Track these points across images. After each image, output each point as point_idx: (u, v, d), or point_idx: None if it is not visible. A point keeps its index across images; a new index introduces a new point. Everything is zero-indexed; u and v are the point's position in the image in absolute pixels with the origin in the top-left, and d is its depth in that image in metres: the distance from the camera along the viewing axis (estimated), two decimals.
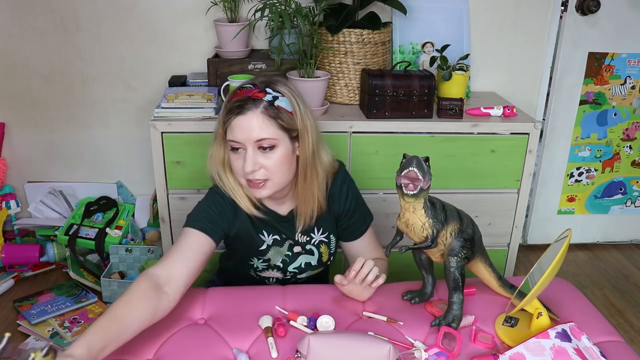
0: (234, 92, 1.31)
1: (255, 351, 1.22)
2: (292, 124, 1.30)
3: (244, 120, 1.26)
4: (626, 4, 2.42)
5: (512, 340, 1.25)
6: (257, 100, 1.26)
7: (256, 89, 1.28)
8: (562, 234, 1.25)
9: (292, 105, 1.30)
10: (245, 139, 1.27)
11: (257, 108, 1.26)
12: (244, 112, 1.26)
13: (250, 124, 1.26)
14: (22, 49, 2.33)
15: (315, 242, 1.50)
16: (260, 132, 1.26)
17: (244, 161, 1.28)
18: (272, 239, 1.46)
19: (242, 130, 1.26)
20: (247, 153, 1.28)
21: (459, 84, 2.04)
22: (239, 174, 1.32)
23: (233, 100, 1.28)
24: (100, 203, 2.48)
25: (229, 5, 2.14)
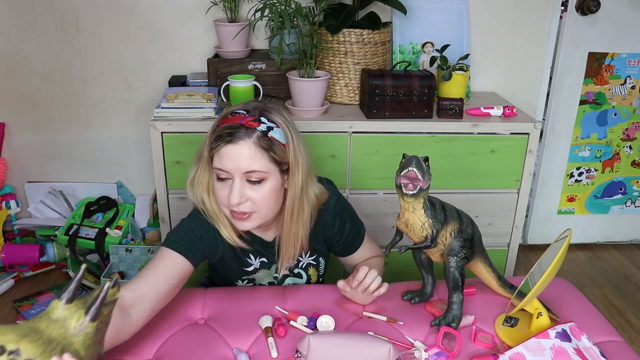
0: (225, 117, 1.22)
1: (255, 351, 1.22)
2: (284, 157, 1.23)
3: (234, 150, 1.18)
4: (626, 4, 2.42)
5: (512, 340, 1.25)
6: (250, 129, 1.18)
7: (250, 116, 1.20)
8: (562, 234, 1.25)
9: (285, 138, 1.23)
10: (233, 169, 1.19)
11: (249, 138, 1.18)
12: (235, 141, 1.18)
13: (241, 154, 1.18)
14: (22, 49, 2.33)
15: (303, 265, 1.47)
16: (251, 164, 1.19)
17: (230, 192, 1.21)
18: (259, 262, 1.42)
19: (231, 159, 1.19)
20: (234, 184, 1.20)
21: (459, 84, 2.04)
22: (223, 203, 1.24)
23: (224, 126, 1.20)
24: (100, 203, 2.48)
25: (229, 5, 2.14)
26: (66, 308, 0.76)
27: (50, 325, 0.74)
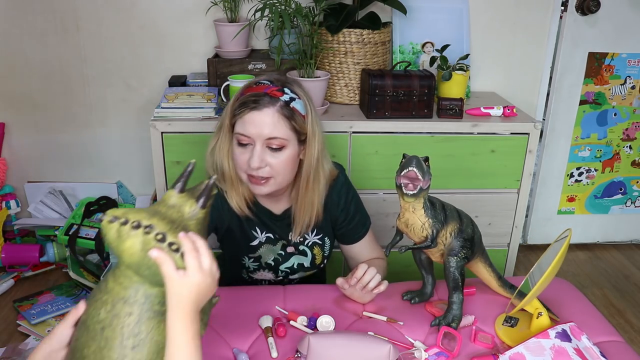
0: (249, 86, 1.29)
1: (255, 351, 1.22)
2: (303, 128, 1.29)
3: (258, 116, 1.24)
4: (626, 4, 2.42)
5: (512, 340, 1.25)
6: (274, 98, 1.25)
7: (274, 86, 1.27)
8: (562, 234, 1.25)
9: (305, 109, 1.29)
10: (256, 134, 1.25)
11: (273, 106, 1.24)
12: (260, 108, 1.24)
13: (265, 120, 1.24)
14: (22, 49, 2.33)
15: (309, 243, 1.49)
16: (273, 130, 1.25)
17: (250, 156, 1.26)
18: (265, 237, 1.45)
19: (254, 125, 1.24)
20: (255, 149, 1.26)
21: (459, 84, 2.04)
22: (242, 168, 1.30)
23: (249, 94, 1.26)
24: (100, 203, 2.48)
25: (229, 5, 2.14)
26: (179, 197, 0.87)
27: (169, 210, 0.86)
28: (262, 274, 1.50)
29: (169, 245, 0.81)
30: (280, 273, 1.50)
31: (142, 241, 0.81)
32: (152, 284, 0.84)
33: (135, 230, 0.81)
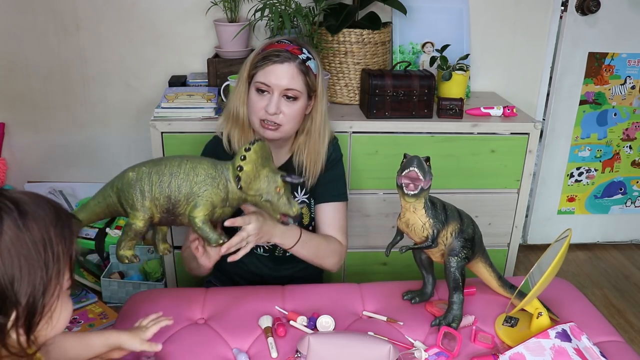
0: (271, 44, 1.45)
1: (255, 351, 1.22)
2: (314, 84, 1.46)
3: (280, 69, 1.40)
4: (626, 4, 2.42)
5: (512, 340, 1.25)
6: (294, 55, 1.42)
7: (294, 45, 1.44)
8: (562, 234, 1.25)
9: (317, 69, 1.47)
10: (276, 84, 1.41)
11: (293, 62, 1.41)
12: (282, 62, 1.41)
13: (285, 73, 1.41)
14: (22, 49, 2.32)
15: (299, 201, 1.58)
16: (291, 82, 1.41)
17: (267, 103, 1.42)
18: None
19: (276, 76, 1.41)
20: (272, 97, 1.42)
21: (459, 84, 2.04)
22: (257, 113, 1.44)
23: (272, 49, 1.43)
24: None
25: (229, 5, 2.14)
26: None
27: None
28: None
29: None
30: None
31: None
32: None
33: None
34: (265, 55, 1.43)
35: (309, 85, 1.45)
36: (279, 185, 1.22)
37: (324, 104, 1.51)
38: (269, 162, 1.24)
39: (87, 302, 2.15)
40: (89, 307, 2.14)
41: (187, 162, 1.21)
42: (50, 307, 0.77)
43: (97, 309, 2.14)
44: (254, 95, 1.45)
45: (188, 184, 1.19)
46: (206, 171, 1.20)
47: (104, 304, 2.17)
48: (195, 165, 1.20)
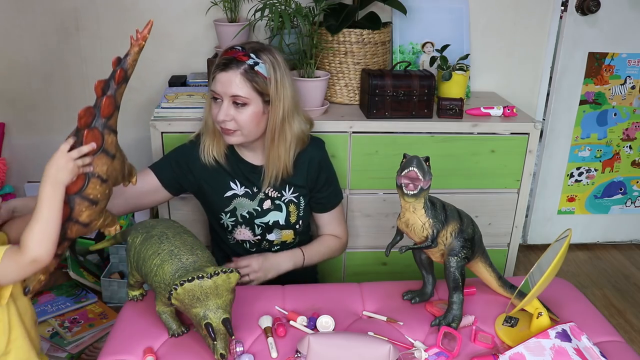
0: (225, 51, 1.48)
1: (255, 351, 1.22)
2: (265, 89, 1.46)
3: (225, 76, 1.44)
4: (626, 4, 2.42)
5: (512, 340, 1.25)
6: (240, 62, 1.44)
7: (242, 52, 1.46)
8: (562, 234, 1.25)
9: (269, 73, 1.46)
10: (223, 92, 1.45)
11: (238, 69, 1.44)
12: (227, 70, 1.44)
13: (229, 80, 1.44)
14: (22, 49, 2.32)
15: (285, 200, 1.62)
16: (236, 89, 1.44)
17: (219, 110, 1.47)
18: (243, 191, 1.60)
19: (222, 84, 1.45)
20: (222, 104, 1.46)
21: (459, 84, 2.04)
22: (214, 120, 1.50)
23: (221, 57, 1.47)
24: None
25: (229, 5, 2.14)
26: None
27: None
28: (240, 231, 1.63)
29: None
30: (257, 230, 1.63)
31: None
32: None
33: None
34: (216, 65, 1.48)
35: (259, 90, 1.46)
36: (203, 328, 1.15)
37: (281, 107, 1.48)
38: (209, 301, 1.14)
39: (87, 302, 2.15)
40: (89, 307, 2.14)
41: (159, 255, 1.22)
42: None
43: (97, 309, 2.13)
44: (212, 104, 1.51)
45: (151, 277, 1.22)
46: (163, 276, 1.19)
47: (104, 304, 2.17)
48: (163, 263, 1.20)
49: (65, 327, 2.02)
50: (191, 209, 1.93)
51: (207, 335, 1.14)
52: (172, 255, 1.20)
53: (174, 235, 1.26)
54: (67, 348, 1.93)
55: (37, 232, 1.03)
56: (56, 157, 1.11)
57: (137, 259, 1.27)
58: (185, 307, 1.15)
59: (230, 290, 1.16)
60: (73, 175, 1.11)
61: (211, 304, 1.14)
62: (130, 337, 1.26)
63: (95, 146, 1.15)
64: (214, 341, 1.13)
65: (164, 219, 1.49)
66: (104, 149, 1.17)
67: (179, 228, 1.31)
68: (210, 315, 1.14)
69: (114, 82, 1.22)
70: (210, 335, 1.13)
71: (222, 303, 1.15)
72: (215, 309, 1.14)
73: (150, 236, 1.27)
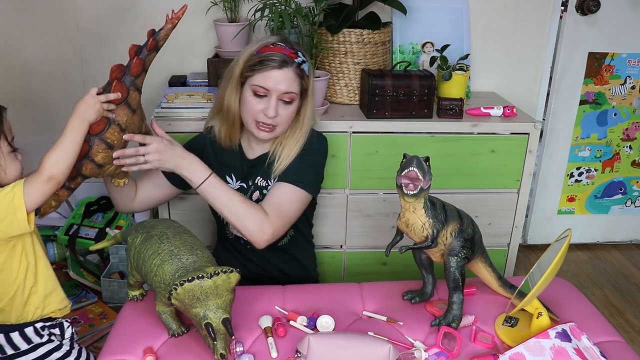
0: (266, 46, 1.47)
1: (255, 351, 1.22)
2: (306, 86, 1.52)
3: (279, 74, 1.45)
4: (626, 4, 2.42)
5: (512, 340, 1.25)
6: (291, 59, 1.46)
7: (290, 50, 1.47)
8: (562, 234, 1.25)
9: (308, 71, 1.52)
10: (274, 89, 1.45)
11: (291, 66, 1.46)
12: (281, 67, 1.45)
13: (283, 78, 1.45)
14: (22, 49, 2.33)
15: (270, 188, 1.57)
16: (289, 86, 1.46)
17: (266, 106, 1.46)
18: (238, 185, 1.61)
19: (275, 81, 1.45)
20: (271, 100, 1.46)
21: (459, 84, 2.04)
22: (254, 115, 1.48)
23: (269, 53, 1.45)
24: (100, 203, 2.48)
25: (229, 5, 2.14)
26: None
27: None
28: None
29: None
30: None
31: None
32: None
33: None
34: (263, 59, 1.45)
35: (303, 87, 1.51)
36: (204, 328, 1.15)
37: (312, 102, 1.56)
38: (209, 301, 1.14)
39: (87, 302, 2.15)
40: (89, 307, 2.14)
41: (159, 255, 1.22)
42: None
43: (97, 309, 2.14)
44: (251, 97, 1.48)
45: (151, 277, 1.23)
46: (163, 276, 1.19)
47: (104, 304, 2.17)
48: (163, 263, 1.20)
49: None
50: (191, 209, 1.93)
51: (207, 335, 1.14)
52: (172, 255, 1.20)
53: (174, 235, 1.26)
54: None
55: (56, 155, 1.23)
56: (86, 97, 1.28)
57: (137, 259, 1.27)
58: (185, 307, 1.15)
59: (230, 290, 1.16)
60: (98, 115, 1.28)
61: (211, 304, 1.14)
62: (130, 337, 1.26)
63: (121, 96, 1.31)
64: (214, 341, 1.13)
65: (164, 219, 1.49)
66: (127, 102, 1.33)
67: (179, 228, 1.31)
68: (210, 315, 1.14)
69: (146, 49, 1.35)
70: (210, 335, 1.13)
71: (222, 303, 1.15)
72: (215, 309, 1.14)
73: (150, 236, 1.27)
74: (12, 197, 1.18)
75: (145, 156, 1.40)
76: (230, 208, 1.44)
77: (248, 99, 1.48)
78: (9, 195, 1.18)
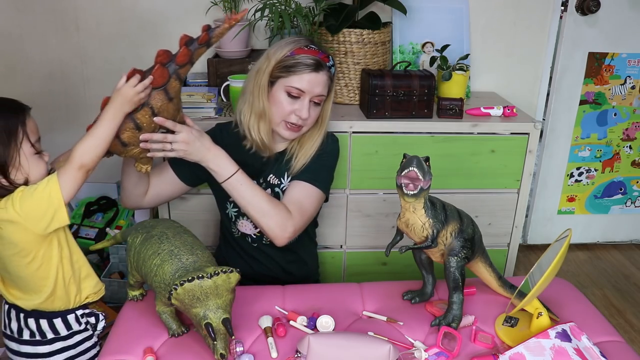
0: (301, 48, 1.48)
1: (255, 351, 1.22)
2: (332, 88, 1.56)
3: (315, 77, 1.47)
4: (626, 4, 2.42)
5: (512, 340, 1.25)
6: (325, 64, 1.50)
7: (323, 54, 1.50)
8: (562, 234, 1.25)
9: (334, 73, 1.55)
10: (309, 90, 1.47)
11: (325, 70, 1.49)
12: (318, 71, 1.47)
13: (319, 81, 1.48)
14: (22, 49, 2.33)
15: (283, 187, 1.58)
16: (323, 89, 1.50)
17: (299, 107, 1.48)
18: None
19: (311, 84, 1.47)
20: (304, 102, 1.48)
21: (459, 84, 2.04)
22: (285, 115, 1.49)
23: (305, 56, 1.47)
24: (100, 203, 2.48)
25: (229, 5, 2.14)
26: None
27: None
28: (242, 223, 1.62)
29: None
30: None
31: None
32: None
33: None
34: (299, 62, 1.46)
35: (330, 90, 1.55)
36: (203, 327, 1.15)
37: (331, 104, 1.59)
38: (209, 301, 1.14)
39: None
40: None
41: (159, 255, 1.23)
42: (14, 163, 1.22)
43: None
44: (283, 97, 1.48)
45: (151, 277, 1.23)
46: (163, 276, 1.20)
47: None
48: (163, 263, 1.21)
49: None
50: (191, 209, 1.93)
51: (207, 335, 1.14)
52: (172, 255, 1.20)
53: (174, 235, 1.26)
54: None
55: (88, 144, 1.26)
56: (124, 90, 1.25)
57: (137, 259, 1.27)
58: (185, 307, 1.15)
59: (230, 290, 1.16)
60: (134, 106, 1.27)
61: (211, 304, 1.14)
62: (130, 337, 1.26)
63: (159, 82, 1.28)
64: (214, 341, 1.13)
65: (164, 219, 1.49)
66: (166, 89, 1.30)
67: (179, 228, 1.31)
68: (210, 315, 1.14)
69: (197, 42, 1.33)
70: (210, 335, 1.13)
71: (222, 303, 1.15)
72: (215, 309, 1.14)
73: (150, 236, 1.27)
74: (49, 192, 1.21)
75: (173, 144, 1.37)
76: (255, 205, 1.44)
77: (280, 99, 1.49)
78: (45, 191, 1.21)
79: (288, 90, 1.47)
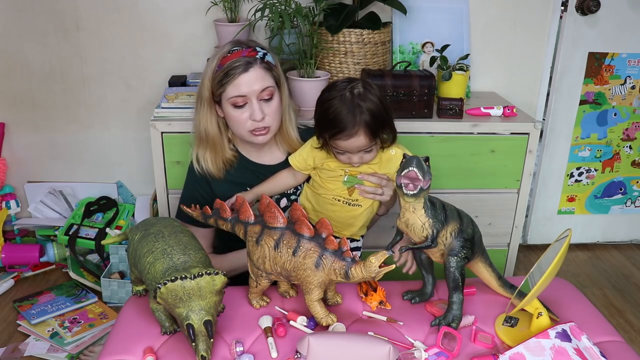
0: (224, 56, 1.46)
1: (255, 351, 1.22)
2: (278, 75, 1.51)
3: (248, 76, 1.43)
4: (626, 4, 2.42)
5: (512, 340, 1.25)
6: (252, 57, 1.45)
7: (247, 49, 1.46)
8: (562, 234, 1.25)
9: (274, 59, 1.51)
10: (251, 91, 1.44)
11: (256, 64, 1.44)
12: (248, 69, 1.43)
13: (254, 77, 1.44)
14: (22, 49, 2.33)
15: (299, 192, 1.60)
16: (263, 83, 1.45)
17: (250, 112, 1.46)
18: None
19: (247, 84, 1.44)
20: (252, 105, 1.45)
21: (459, 84, 2.04)
22: (244, 126, 1.48)
23: (230, 62, 1.44)
24: (100, 203, 2.48)
25: (229, 5, 2.14)
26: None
27: None
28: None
29: None
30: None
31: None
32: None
33: None
34: (227, 70, 1.44)
35: (275, 77, 1.50)
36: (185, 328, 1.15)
37: (286, 88, 1.56)
38: (192, 302, 1.15)
39: (87, 302, 2.15)
40: (89, 307, 2.14)
41: (152, 253, 1.23)
42: None
43: (97, 309, 2.14)
44: (232, 111, 1.47)
45: (145, 274, 1.24)
46: (154, 274, 1.20)
47: (104, 303, 2.17)
48: (155, 261, 1.21)
49: (65, 327, 2.02)
50: None
51: (188, 336, 1.14)
52: (164, 254, 1.21)
53: (169, 234, 1.26)
54: (67, 348, 1.93)
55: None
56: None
57: (135, 256, 1.28)
58: (170, 307, 1.16)
59: (214, 292, 1.16)
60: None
61: (194, 305, 1.14)
62: (130, 337, 1.26)
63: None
64: (193, 342, 1.13)
65: (165, 217, 1.49)
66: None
67: (177, 227, 1.31)
68: (192, 317, 1.13)
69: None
70: (190, 336, 1.13)
71: (205, 305, 1.15)
72: (198, 310, 1.14)
73: (148, 234, 1.27)
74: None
75: (382, 197, 1.47)
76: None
77: (231, 114, 1.48)
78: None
79: (233, 102, 1.46)
